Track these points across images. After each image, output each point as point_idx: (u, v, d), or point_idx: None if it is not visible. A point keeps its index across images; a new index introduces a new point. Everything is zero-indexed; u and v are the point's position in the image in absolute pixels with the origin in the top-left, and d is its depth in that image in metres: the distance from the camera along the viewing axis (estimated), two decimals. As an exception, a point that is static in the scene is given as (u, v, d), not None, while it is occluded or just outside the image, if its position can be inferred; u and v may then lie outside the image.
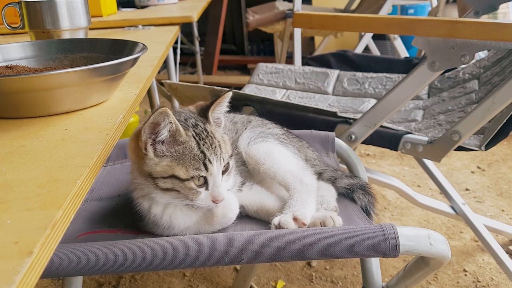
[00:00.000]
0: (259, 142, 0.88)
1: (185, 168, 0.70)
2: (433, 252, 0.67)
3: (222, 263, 0.65)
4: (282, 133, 0.96)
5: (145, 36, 1.52)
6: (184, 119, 0.74)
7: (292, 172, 0.83)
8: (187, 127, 0.73)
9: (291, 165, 0.86)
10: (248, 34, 4.81)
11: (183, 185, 0.71)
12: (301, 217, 0.74)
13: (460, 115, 1.49)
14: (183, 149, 0.71)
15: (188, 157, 0.70)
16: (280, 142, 0.91)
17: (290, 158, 0.88)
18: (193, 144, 0.71)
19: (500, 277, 1.56)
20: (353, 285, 1.57)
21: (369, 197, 0.91)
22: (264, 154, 0.85)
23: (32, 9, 1.06)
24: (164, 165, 0.70)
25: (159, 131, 0.69)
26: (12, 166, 0.53)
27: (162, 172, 0.70)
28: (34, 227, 0.40)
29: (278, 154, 0.86)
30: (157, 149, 0.71)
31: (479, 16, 1.69)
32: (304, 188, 0.80)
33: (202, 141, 0.72)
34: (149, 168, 0.71)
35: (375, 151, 2.60)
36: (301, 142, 1.00)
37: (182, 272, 1.64)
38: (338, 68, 1.98)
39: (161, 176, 0.71)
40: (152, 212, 0.75)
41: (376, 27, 1.28)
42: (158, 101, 2.39)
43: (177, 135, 0.70)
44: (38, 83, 0.64)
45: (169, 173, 0.70)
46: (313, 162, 0.97)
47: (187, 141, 0.71)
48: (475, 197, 2.09)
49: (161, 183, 0.71)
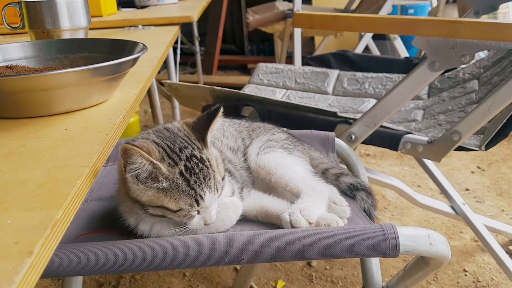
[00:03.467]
0: (268, 152, 0.88)
1: (175, 201, 0.66)
2: (433, 252, 0.67)
3: (222, 263, 0.65)
4: (285, 138, 0.97)
5: (145, 36, 1.52)
6: (179, 149, 0.68)
7: (304, 180, 0.84)
8: (178, 160, 0.67)
9: (302, 173, 0.86)
10: (248, 34, 4.81)
11: (175, 214, 0.68)
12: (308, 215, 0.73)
13: (460, 115, 1.49)
14: (169, 185, 0.66)
15: (177, 192, 0.66)
16: (286, 150, 0.91)
17: (300, 166, 0.88)
18: (180, 181, 0.66)
19: (500, 277, 1.56)
20: (353, 285, 1.57)
21: (372, 199, 0.91)
22: (274, 163, 0.85)
23: (32, 9, 1.06)
24: (150, 195, 0.66)
25: (135, 169, 0.64)
26: (12, 166, 0.53)
27: (149, 201, 0.67)
28: (34, 227, 0.40)
29: (289, 163, 0.87)
30: (139, 178, 0.65)
31: (479, 16, 1.69)
32: (316, 193, 0.80)
33: (194, 176, 0.67)
34: (135, 195, 0.67)
35: (375, 151, 2.60)
36: (303, 145, 1.01)
37: (182, 272, 1.64)
38: (338, 68, 1.98)
39: (149, 205, 0.67)
40: (139, 228, 0.72)
41: (376, 27, 1.28)
42: (158, 101, 2.39)
43: (158, 174, 0.65)
44: (38, 83, 0.64)
45: (157, 204, 0.66)
46: (319, 161, 0.98)
47: (174, 178, 0.66)
48: (475, 197, 2.09)
49: (151, 210, 0.67)
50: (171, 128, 0.73)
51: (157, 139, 0.70)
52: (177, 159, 0.67)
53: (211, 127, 0.71)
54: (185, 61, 4.57)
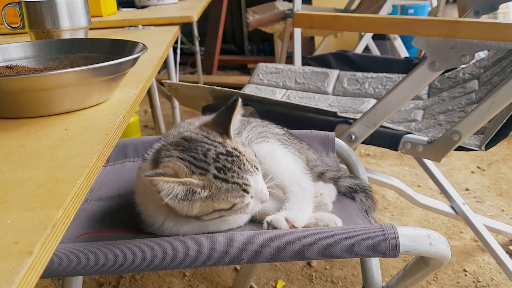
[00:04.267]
0: (260, 143, 0.87)
1: (224, 201, 0.66)
2: (433, 252, 0.67)
3: (222, 263, 0.65)
4: (283, 133, 0.96)
5: (145, 36, 1.52)
6: (203, 155, 0.67)
7: (292, 174, 0.82)
8: (207, 166, 0.66)
9: (291, 168, 0.85)
10: (248, 34, 4.81)
11: (231, 211, 0.67)
12: (292, 219, 0.73)
13: (460, 115, 1.49)
14: (210, 191, 0.65)
15: (221, 193, 0.66)
16: (281, 143, 0.90)
17: (290, 160, 0.87)
18: (219, 184, 0.66)
19: (500, 277, 1.56)
20: (353, 285, 1.57)
21: (371, 202, 0.91)
22: (264, 154, 0.83)
23: (32, 9, 1.06)
24: (199, 207, 0.66)
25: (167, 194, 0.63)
26: (12, 166, 0.53)
27: (200, 212, 0.66)
28: (34, 227, 0.40)
29: (279, 155, 0.86)
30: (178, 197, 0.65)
31: (479, 16, 1.69)
32: (301, 192, 0.79)
33: (230, 172, 0.66)
34: (184, 212, 0.66)
35: (375, 151, 2.60)
36: (302, 144, 1.00)
37: (182, 272, 1.64)
38: (338, 68, 1.98)
39: (202, 215, 0.67)
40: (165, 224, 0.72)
41: (376, 27, 1.28)
42: (158, 101, 2.40)
43: (194, 187, 0.65)
44: (38, 83, 0.64)
45: (210, 211, 0.66)
46: (314, 163, 0.97)
47: (211, 184, 0.65)
48: (475, 197, 2.09)
49: (206, 217, 0.67)
50: (188, 136, 0.72)
51: (180, 153, 0.68)
52: (206, 166, 0.66)
53: (232, 119, 0.71)
54: (185, 61, 4.57)
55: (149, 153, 0.76)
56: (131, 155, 1.11)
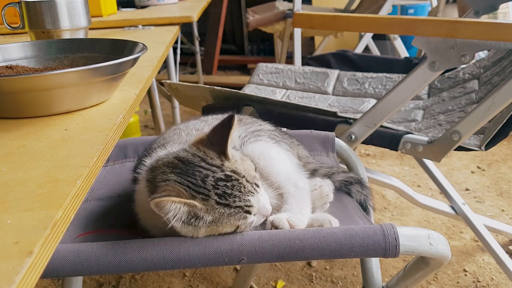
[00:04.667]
0: (253, 142, 0.86)
1: (227, 224, 0.66)
2: (433, 252, 0.67)
3: (222, 263, 0.65)
4: (273, 129, 0.96)
5: (145, 36, 1.52)
6: (202, 181, 0.66)
7: (287, 174, 0.82)
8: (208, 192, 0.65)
9: (285, 166, 0.84)
10: (248, 34, 4.81)
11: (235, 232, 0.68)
12: (295, 223, 0.73)
13: (460, 115, 1.49)
14: (213, 217, 0.65)
15: (225, 217, 0.65)
16: (274, 141, 0.89)
17: (284, 158, 0.87)
18: (222, 209, 0.65)
19: (500, 277, 1.56)
20: (353, 285, 1.57)
21: (366, 190, 0.92)
22: (258, 153, 0.82)
23: (32, 9, 1.06)
24: (204, 232, 0.66)
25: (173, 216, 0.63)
26: (12, 166, 0.53)
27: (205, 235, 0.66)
28: (34, 227, 0.40)
29: (273, 154, 0.85)
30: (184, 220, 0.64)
31: (479, 16, 1.69)
32: (299, 192, 0.79)
33: (231, 198, 0.65)
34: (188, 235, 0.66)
35: (375, 151, 2.60)
36: (292, 139, 0.99)
37: (182, 272, 1.64)
38: (338, 68, 1.98)
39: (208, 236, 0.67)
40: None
41: (376, 27, 1.28)
42: (158, 101, 2.39)
43: (197, 211, 0.64)
44: (38, 83, 0.64)
45: (215, 234, 0.66)
46: (306, 160, 0.96)
47: (214, 210, 0.65)
48: (475, 197, 2.09)
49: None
50: (184, 157, 0.69)
51: (177, 177, 0.66)
52: (206, 192, 0.65)
53: (229, 138, 0.69)
54: (185, 61, 4.57)
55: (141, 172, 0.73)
56: (131, 155, 1.11)
